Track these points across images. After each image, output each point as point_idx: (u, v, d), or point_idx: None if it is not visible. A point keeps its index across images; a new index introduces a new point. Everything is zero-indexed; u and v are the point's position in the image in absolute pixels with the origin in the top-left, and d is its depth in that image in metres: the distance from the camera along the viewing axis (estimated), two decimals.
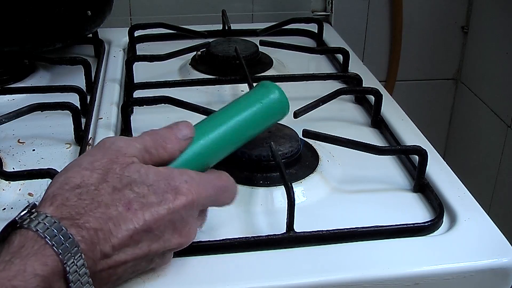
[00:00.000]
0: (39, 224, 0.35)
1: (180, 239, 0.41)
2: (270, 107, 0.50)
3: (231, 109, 0.49)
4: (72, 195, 0.38)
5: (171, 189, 0.40)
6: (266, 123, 0.51)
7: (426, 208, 0.54)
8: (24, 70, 0.80)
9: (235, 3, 1.05)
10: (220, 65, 0.80)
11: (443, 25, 1.17)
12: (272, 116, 0.51)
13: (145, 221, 0.38)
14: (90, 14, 0.79)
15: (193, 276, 0.45)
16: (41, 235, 0.35)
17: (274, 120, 0.52)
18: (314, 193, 0.55)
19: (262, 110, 0.49)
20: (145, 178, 0.40)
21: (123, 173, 0.40)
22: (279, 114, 0.51)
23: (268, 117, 0.50)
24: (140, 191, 0.39)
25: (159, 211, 0.39)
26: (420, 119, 0.74)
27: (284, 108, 0.51)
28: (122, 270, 0.39)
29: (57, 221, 0.36)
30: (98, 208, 0.37)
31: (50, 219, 0.36)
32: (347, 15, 1.12)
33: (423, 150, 0.55)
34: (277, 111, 0.51)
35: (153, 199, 0.39)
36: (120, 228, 0.37)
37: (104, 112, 0.69)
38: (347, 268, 0.46)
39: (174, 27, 0.89)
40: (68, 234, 0.35)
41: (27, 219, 0.36)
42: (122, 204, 0.38)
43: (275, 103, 0.50)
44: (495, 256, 0.48)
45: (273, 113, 0.51)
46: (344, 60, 0.81)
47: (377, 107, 0.68)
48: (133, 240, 0.38)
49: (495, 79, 1.10)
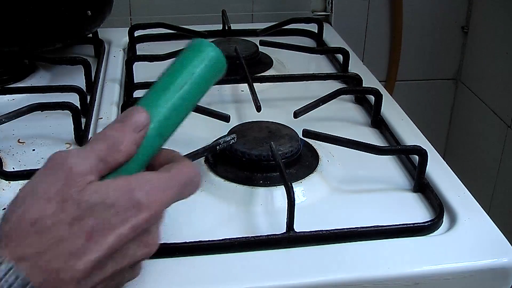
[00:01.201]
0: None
1: (145, 249, 0.39)
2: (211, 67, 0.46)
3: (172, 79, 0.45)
4: (30, 233, 0.35)
5: (133, 205, 0.37)
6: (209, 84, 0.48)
7: (426, 208, 0.54)
8: (24, 70, 0.80)
9: (235, 3, 1.05)
10: None
11: (443, 25, 1.17)
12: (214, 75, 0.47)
13: (109, 246, 0.36)
14: (90, 14, 0.79)
15: (193, 276, 0.45)
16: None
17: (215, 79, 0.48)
18: (314, 193, 0.55)
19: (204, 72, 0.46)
20: (105, 197, 0.37)
21: (81, 197, 0.37)
22: (219, 71, 0.48)
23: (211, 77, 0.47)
24: (101, 215, 0.36)
25: (122, 231, 0.37)
26: (420, 119, 0.74)
27: (223, 64, 0.48)
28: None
29: (13, 266, 0.33)
30: (59, 244, 0.35)
31: (6, 264, 0.33)
32: (347, 15, 1.12)
33: (423, 150, 0.55)
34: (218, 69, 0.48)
35: (115, 220, 0.37)
36: (82, 260, 0.35)
37: (104, 112, 0.69)
38: (347, 268, 0.46)
39: (174, 27, 0.89)
40: (27, 280, 0.33)
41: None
42: (83, 236, 0.36)
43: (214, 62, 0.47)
44: (495, 256, 0.48)
45: (215, 72, 0.47)
46: (344, 60, 0.81)
47: (377, 107, 0.68)
48: (98, 267, 0.36)
49: (495, 79, 1.10)
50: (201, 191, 0.55)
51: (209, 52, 0.46)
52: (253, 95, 0.66)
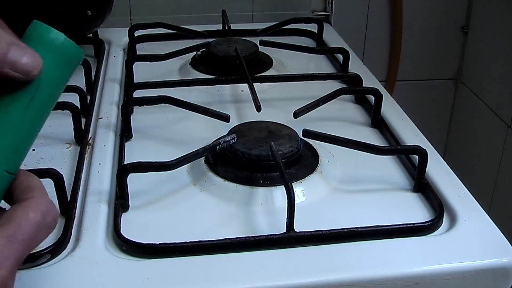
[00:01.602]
0: None
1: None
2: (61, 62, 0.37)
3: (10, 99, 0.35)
4: None
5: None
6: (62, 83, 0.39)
7: (426, 208, 0.54)
8: None
9: (235, 3, 1.05)
10: (220, 65, 0.80)
11: (443, 25, 1.17)
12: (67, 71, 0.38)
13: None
14: (90, 14, 0.79)
15: (193, 276, 0.45)
16: None
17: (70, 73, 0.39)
18: (314, 193, 0.55)
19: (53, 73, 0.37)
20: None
21: None
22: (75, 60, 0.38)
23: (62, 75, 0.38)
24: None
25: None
26: (420, 119, 0.74)
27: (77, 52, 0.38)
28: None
29: None
30: None
31: None
32: (347, 15, 1.12)
33: (423, 150, 0.55)
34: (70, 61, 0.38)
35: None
36: None
37: (104, 112, 0.69)
38: (347, 268, 0.46)
39: (174, 27, 0.89)
40: None
41: None
42: None
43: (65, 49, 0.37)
44: (495, 256, 0.48)
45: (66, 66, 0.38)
46: (344, 60, 0.81)
47: (377, 107, 0.68)
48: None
49: (495, 79, 1.10)
50: (201, 191, 0.55)
51: (53, 42, 0.36)
52: (253, 95, 0.66)
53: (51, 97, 0.37)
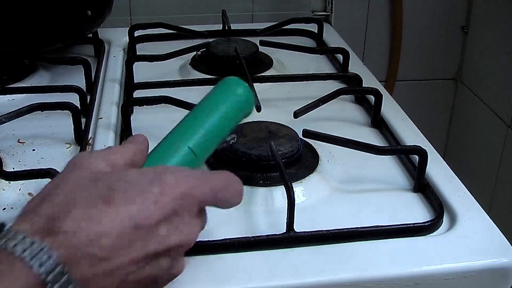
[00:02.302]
0: (8, 241, 0.32)
1: (179, 236, 0.37)
2: (237, 105, 0.48)
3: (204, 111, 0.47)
4: (45, 203, 0.35)
5: (156, 182, 0.37)
6: (235, 121, 0.49)
7: (426, 208, 0.54)
8: (24, 70, 0.80)
9: (235, 3, 1.05)
10: (220, 65, 0.80)
11: (443, 25, 1.17)
12: (240, 113, 0.49)
13: (131, 217, 0.35)
14: (90, 14, 0.79)
15: (193, 276, 0.45)
16: (9, 251, 0.32)
17: (241, 117, 0.50)
18: (314, 193, 0.55)
19: (231, 109, 0.48)
20: (123, 176, 0.37)
21: (96, 176, 0.37)
22: (245, 111, 0.50)
23: (237, 115, 0.49)
24: (120, 187, 0.36)
25: (145, 205, 0.35)
26: (420, 119, 0.74)
27: (250, 105, 0.50)
28: (120, 277, 0.35)
29: (27, 235, 0.33)
30: (74, 210, 0.34)
31: (20, 234, 0.33)
32: (347, 15, 1.12)
33: (423, 150, 0.55)
34: (244, 108, 0.49)
35: (137, 194, 0.36)
36: (103, 226, 0.34)
37: (104, 112, 0.69)
38: (347, 268, 0.46)
39: (174, 27, 0.89)
40: (42, 245, 0.32)
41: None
42: (101, 202, 0.35)
43: (241, 101, 0.49)
44: (495, 256, 0.48)
45: (241, 110, 0.49)
46: (344, 60, 0.81)
47: (377, 107, 0.68)
48: (123, 239, 0.34)
49: (495, 79, 1.10)
50: None
51: (236, 88, 0.49)
52: None
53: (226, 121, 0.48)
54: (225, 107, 0.47)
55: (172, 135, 0.45)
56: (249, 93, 0.49)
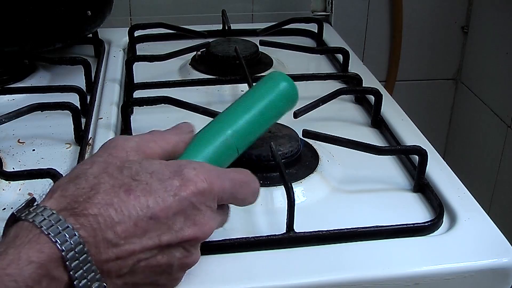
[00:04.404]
0: (36, 215, 0.35)
1: (194, 228, 0.39)
2: (283, 97, 0.52)
3: (245, 102, 0.51)
4: (71, 185, 0.37)
5: (177, 175, 0.39)
6: (279, 114, 0.53)
7: (426, 208, 0.54)
8: (24, 70, 0.80)
9: (235, 3, 1.05)
10: (220, 65, 0.80)
11: (443, 25, 1.17)
12: (285, 106, 0.53)
13: (149, 208, 0.37)
14: (90, 14, 0.79)
15: (192, 276, 0.45)
16: (36, 224, 0.34)
17: (286, 110, 0.54)
18: (314, 193, 0.55)
19: (276, 100, 0.51)
20: (148, 166, 0.39)
21: (123, 164, 0.39)
22: (291, 103, 0.54)
23: (282, 107, 0.53)
24: (143, 178, 0.38)
25: (164, 197, 0.37)
26: (420, 119, 0.74)
27: (295, 97, 0.54)
28: (132, 262, 0.37)
29: (54, 212, 0.35)
30: (97, 195, 0.36)
31: (48, 211, 0.35)
32: (347, 15, 1.12)
33: (423, 150, 0.55)
34: (289, 100, 0.53)
35: (157, 186, 0.38)
36: (122, 214, 0.36)
37: (104, 112, 0.69)
38: (347, 268, 0.46)
39: (174, 27, 0.89)
40: (66, 223, 0.35)
41: (25, 212, 0.36)
42: (123, 191, 0.37)
43: (286, 93, 0.53)
44: (495, 256, 0.48)
45: (286, 102, 0.53)
46: (344, 60, 0.81)
47: (377, 107, 0.68)
48: (139, 228, 0.37)
49: (495, 79, 1.10)
50: None
51: (282, 82, 0.52)
52: None
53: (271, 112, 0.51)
54: (268, 99, 0.50)
55: (214, 124, 0.48)
56: (294, 87, 0.53)
